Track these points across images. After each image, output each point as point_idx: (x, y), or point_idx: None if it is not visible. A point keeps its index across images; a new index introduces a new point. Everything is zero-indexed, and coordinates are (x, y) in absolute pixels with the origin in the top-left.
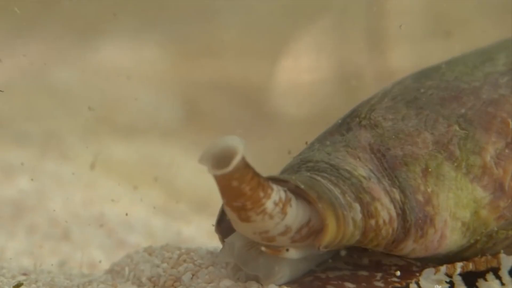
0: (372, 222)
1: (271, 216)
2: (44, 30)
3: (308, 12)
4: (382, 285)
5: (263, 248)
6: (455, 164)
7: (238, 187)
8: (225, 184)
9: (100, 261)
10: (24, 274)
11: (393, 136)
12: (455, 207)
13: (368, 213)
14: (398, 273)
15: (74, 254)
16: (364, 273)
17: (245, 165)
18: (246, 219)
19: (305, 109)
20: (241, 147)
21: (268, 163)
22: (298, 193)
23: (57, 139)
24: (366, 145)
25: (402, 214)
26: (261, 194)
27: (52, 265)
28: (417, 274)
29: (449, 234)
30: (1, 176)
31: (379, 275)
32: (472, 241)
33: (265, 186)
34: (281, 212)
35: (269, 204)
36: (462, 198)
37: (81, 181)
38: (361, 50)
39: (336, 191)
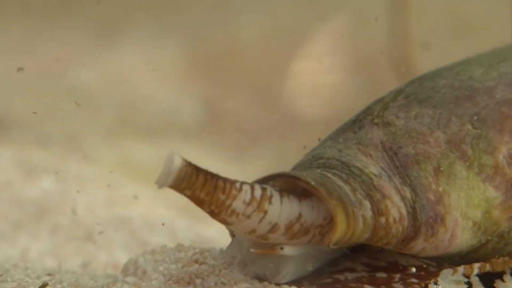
0: (382, 220)
1: (247, 216)
2: (65, 31)
3: (329, 11)
4: (401, 287)
5: (252, 250)
6: (467, 163)
7: (193, 195)
8: (184, 195)
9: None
10: (49, 275)
11: (406, 135)
12: (466, 206)
13: (378, 211)
14: (414, 269)
15: (98, 255)
16: (382, 275)
17: (190, 174)
18: (224, 222)
19: (326, 110)
20: (176, 159)
21: (289, 164)
22: (290, 189)
23: (79, 140)
24: (378, 143)
25: (413, 213)
26: (222, 197)
27: (76, 271)
28: (435, 274)
29: (460, 233)
30: (24, 176)
31: (397, 276)
32: (483, 241)
33: (226, 188)
34: (257, 211)
35: (237, 205)
36: (473, 198)
37: (104, 181)
38: (383, 50)
39: (347, 188)
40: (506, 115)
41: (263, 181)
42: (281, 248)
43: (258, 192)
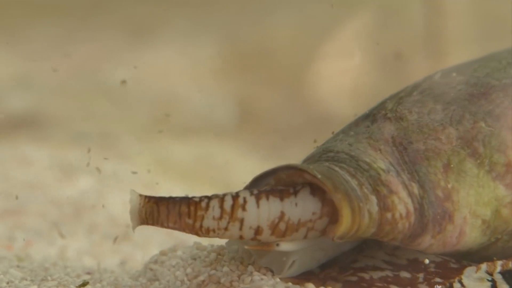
0: (389, 215)
1: (224, 229)
2: (99, 31)
3: (361, 8)
4: (426, 287)
5: (246, 246)
6: (478, 161)
7: (163, 226)
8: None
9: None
10: (88, 274)
11: (417, 130)
12: (475, 204)
13: (384, 206)
14: (427, 261)
15: (135, 254)
16: (406, 274)
17: (151, 211)
18: (208, 237)
19: (360, 110)
20: (134, 200)
21: None
22: (276, 189)
23: (114, 139)
24: (388, 137)
25: (420, 209)
26: (189, 221)
27: (114, 270)
28: (457, 271)
29: (469, 231)
30: (61, 176)
31: (421, 276)
32: (492, 239)
33: (191, 211)
34: (231, 221)
35: (207, 223)
36: (483, 196)
37: (139, 181)
38: (419, 51)
39: (353, 183)
40: None
41: (270, 173)
42: (277, 245)
43: (228, 203)
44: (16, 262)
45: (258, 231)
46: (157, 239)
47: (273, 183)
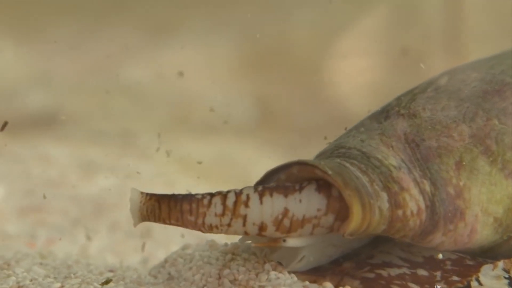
0: (399, 212)
1: (227, 225)
2: (118, 29)
3: (381, 7)
4: (445, 286)
5: (253, 244)
6: (491, 158)
7: (165, 223)
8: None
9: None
10: (111, 271)
11: (430, 127)
12: (487, 202)
13: (395, 203)
14: (441, 256)
15: (157, 252)
16: (424, 272)
17: (152, 208)
18: (211, 233)
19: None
20: (135, 198)
21: None
22: (280, 186)
23: (134, 137)
24: (401, 134)
25: (431, 206)
26: (192, 218)
27: (137, 268)
28: (473, 269)
29: (480, 229)
30: (82, 174)
31: (438, 274)
32: (505, 237)
33: (192, 209)
34: (234, 218)
35: (210, 220)
36: (495, 194)
37: (159, 178)
38: (436, 48)
39: (364, 179)
40: None
41: (281, 169)
42: (284, 241)
43: (230, 200)
44: (39, 259)
45: (262, 227)
46: (178, 237)
47: (284, 179)
